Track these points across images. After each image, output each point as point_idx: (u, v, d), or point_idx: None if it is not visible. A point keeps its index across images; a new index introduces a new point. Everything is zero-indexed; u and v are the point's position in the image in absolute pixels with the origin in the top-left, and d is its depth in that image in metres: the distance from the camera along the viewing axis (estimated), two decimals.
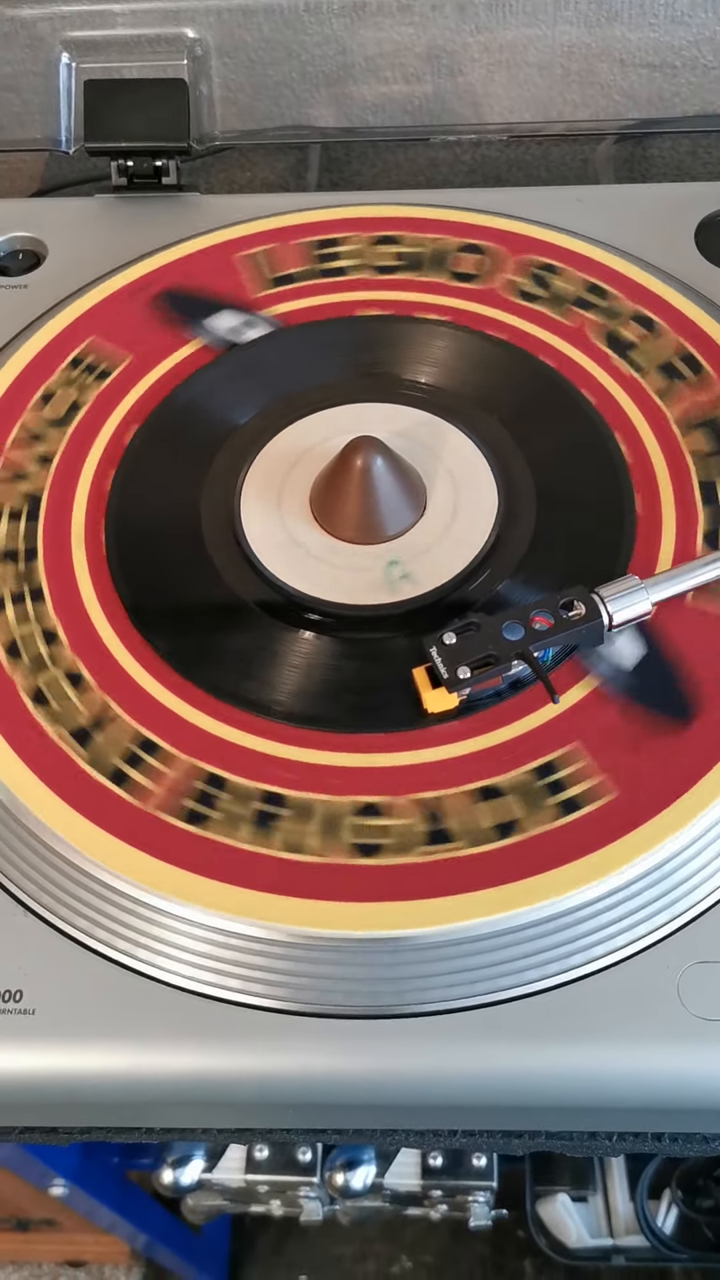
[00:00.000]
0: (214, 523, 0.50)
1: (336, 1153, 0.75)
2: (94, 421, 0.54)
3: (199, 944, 0.41)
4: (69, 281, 0.59)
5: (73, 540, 0.50)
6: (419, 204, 0.61)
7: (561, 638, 0.43)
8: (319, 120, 0.71)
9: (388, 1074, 0.40)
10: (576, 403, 0.53)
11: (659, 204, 0.61)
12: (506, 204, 0.61)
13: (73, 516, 0.51)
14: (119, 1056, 0.40)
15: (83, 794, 0.43)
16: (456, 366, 0.55)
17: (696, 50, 0.69)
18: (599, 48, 0.69)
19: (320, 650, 0.47)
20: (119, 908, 0.42)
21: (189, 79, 0.65)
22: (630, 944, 0.41)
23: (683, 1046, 0.39)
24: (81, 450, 0.53)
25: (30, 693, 0.46)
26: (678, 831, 0.41)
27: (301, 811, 0.43)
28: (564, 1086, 0.40)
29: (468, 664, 0.43)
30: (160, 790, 0.43)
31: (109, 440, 0.53)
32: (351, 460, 0.48)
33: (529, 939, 0.40)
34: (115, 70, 0.65)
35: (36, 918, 0.42)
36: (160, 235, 0.61)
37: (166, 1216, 0.98)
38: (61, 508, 0.51)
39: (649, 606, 0.44)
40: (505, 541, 0.49)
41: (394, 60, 0.69)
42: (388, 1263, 1.15)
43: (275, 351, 0.56)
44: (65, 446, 0.53)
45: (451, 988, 0.40)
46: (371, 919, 0.40)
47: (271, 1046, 0.40)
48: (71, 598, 0.48)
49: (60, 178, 0.75)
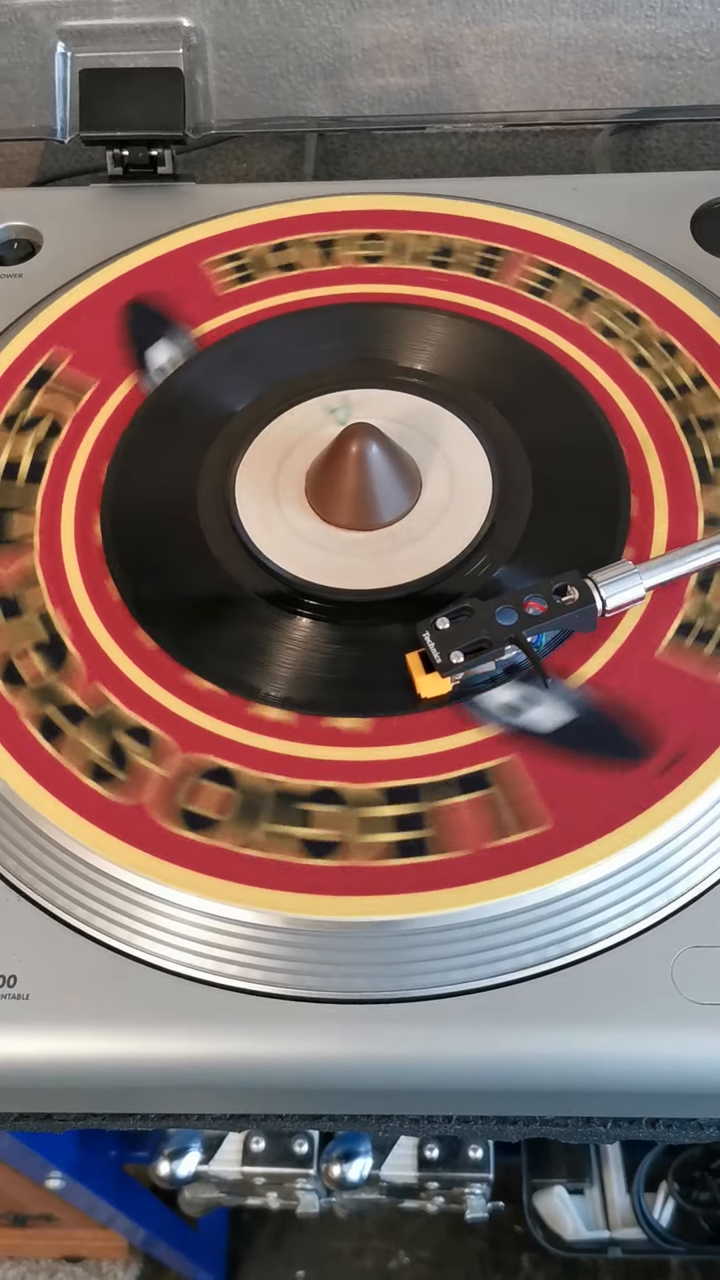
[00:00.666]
0: (209, 510, 0.50)
1: (333, 1144, 0.75)
2: (89, 411, 0.54)
3: (194, 929, 0.41)
4: (64, 271, 0.59)
5: (62, 529, 0.50)
6: (414, 193, 0.61)
7: (555, 622, 0.43)
8: (315, 113, 0.71)
9: (382, 1059, 0.40)
10: (572, 389, 0.53)
11: (655, 193, 0.61)
12: (501, 193, 0.61)
13: (62, 505, 0.51)
14: (113, 1041, 0.40)
15: (78, 783, 0.43)
16: (452, 353, 0.55)
17: (693, 42, 0.69)
18: (595, 40, 0.69)
19: (316, 636, 0.47)
20: (114, 893, 0.42)
21: (184, 68, 0.65)
22: (625, 928, 0.41)
23: (677, 1031, 0.39)
24: (75, 439, 0.53)
25: (25, 685, 0.46)
26: (672, 817, 0.41)
27: (294, 799, 0.43)
28: (558, 1071, 0.40)
29: (461, 649, 0.43)
30: (155, 780, 0.43)
31: (103, 428, 0.53)
32: (347, 446, 0.48)
33: (523, 924, 0.40)
34: (111, 59, 0.65)
35: (31, 903, 0.42)
36: (155, 225, 0.61)
37: (164, 1211, 0.98)
38: (54, 496, 0.51)
39: (643, 591, 0.44)
40: (501, 527, 0.49)
41: (391, 52, 0.69)
42: (386, 1258, 1.15)
43: (269, 338, 0.56)
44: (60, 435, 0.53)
45: (446, 972, 0.40)
46: (366, 904, 0.40)
47: (266, 1031, 0.40)
48: (61, 588, 0.48)
49: (57, 169, 0.75)
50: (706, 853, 0.41)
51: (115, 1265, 1.13)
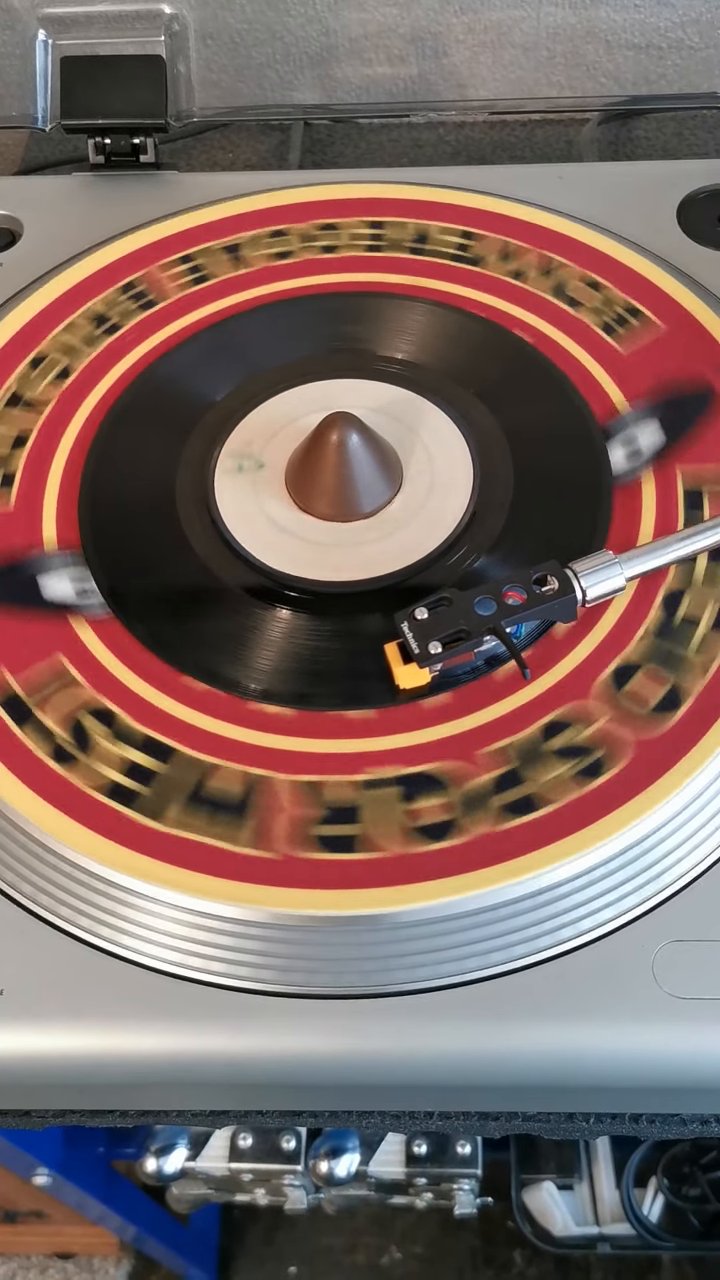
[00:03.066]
0: (188, 502, 0.50)
1: (320, 1140, 0.74)
2: (74, 397, 0.53)
3: (170, 924, 0.41)
4: (44, 260, 0.59)
5: (44, 521, 0.50)
6: (400, 182, 0.61)
7: (534, 613, 0.43)
8: (301, 102, 0.70)
9: (361, 1054, 0.40)
10: (554, 378, 0.52)
11: (641, 181, 0.61)
12: (488, 181, 0.61)
13: (44, 498, 0.51)
14: (89, 1037, 0.40)
15: (52, 777, 0.43)
16: (432, 342, 0.54)
17: (682, 32, 0.69)
18: (584, 29, 0.69)
19: (297, 628, 0.46)
20: (89, 888, 0.41)
21: (166, 55, 0.64)
22: (605, 923, 0.40)
23: (658, 1025, 0.39)
24: (57, 430, 0.53)
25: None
26: (652, 809, 0.41)
27: (277, 794, 0.42)
28: (539, 1066, 0.39)
29: (439, 639, 0.42)
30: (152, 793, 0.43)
31: (86, 418, 0.53)
32: (326, 436, 0.48)
33: (503, 918, 0.40)
34: (92, 47, 0.65)
35: (6, 898, 0.42)
36: (138, 214, 0.60)
37: (154, 1208, 0.98)
38: (35, 486, 0.51)
39: (623, 582, 0.44)
40: (482, 516, 0.48)
41: (378, 42, 0.69)
42: (377, 1254, 1.15)
43: (248, 329, 0.55)
44: (42, 423, 0.53)
45: (425, 967, 0.40)
46: (345, 899, 0.40)
47: (244, 1027, 0.39)
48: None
49: (41, 159, 0.75)
50: (686, 847, 0.41)
51: (107, 1262, 1.12)
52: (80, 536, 0.49)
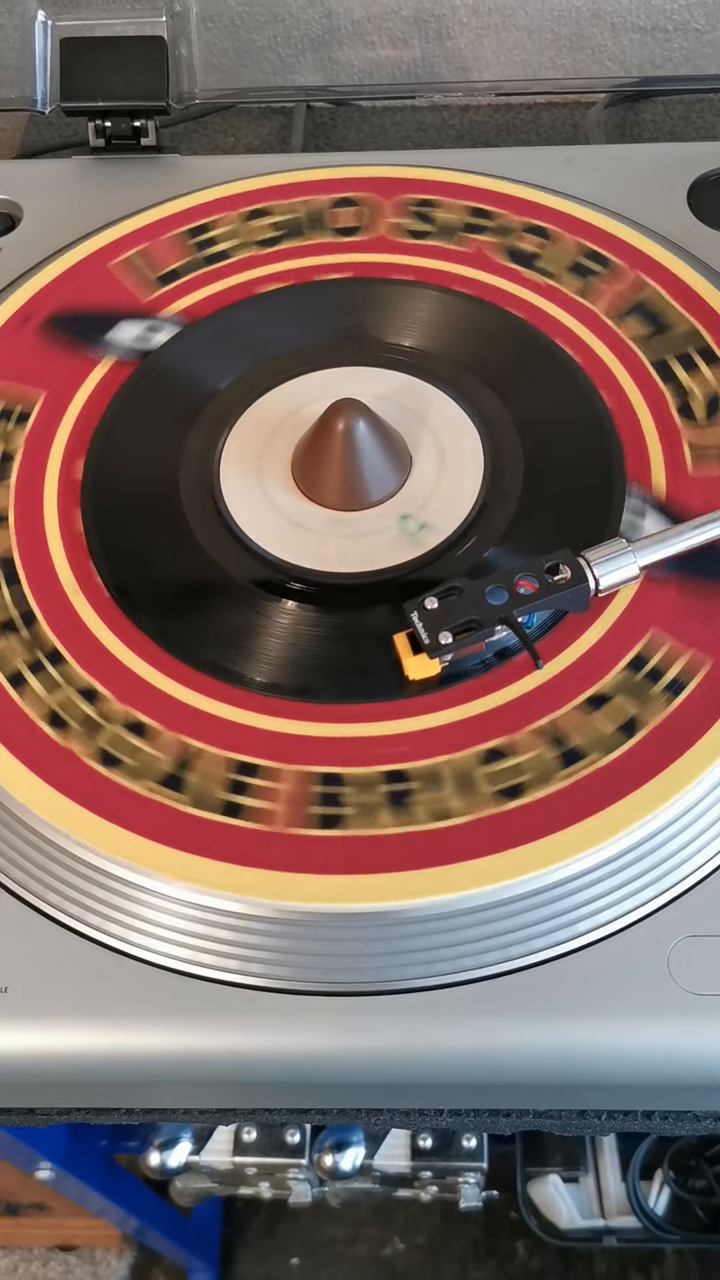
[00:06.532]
0: (193, 493, 0.49)
1: (325, 1134, 0.74)
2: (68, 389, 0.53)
3: (176, 920, 0.40)
4: (44, 244, 0.58)
5: (45, 516, 0.49)
6: (403, 164, 0.60)
7: (546, 602, 0.42)
8: (304, 85, 0.70)
9: (370, 1052, 0.39)
10: (564, 364, 0.52)
11: (651, 164, 0.60)
12: (494, 164, 0.60)
13: (44, 491, 0.50)
14: (94, 1035, 0.39)
15: (57, 767, 0.42)
16: (440, 329, 0.54)
17: (688, 14, 0.68)
18: (589, 11, 0.68)
19: (305, 619, 0.45)
20: (94, 883, 0.41)
21: (168, 37, 0.63)
22: (620, 918, 0.40)
23: (673, 1022, 0.38)
24: (55, 418, 0.52)
25: (8, 673, 0.45)
26: (666, 803, 0.40)
27: (281, 784, 0.42)
28: (552, 1063, 0.39)
29: (449, 629, 0.42)
30: (136, 764, 0.42)
31: (83, 407, 0.52)
32: (333, 424, 0.47)
33: (515, 913, 0.39)
34: (92, 28, 0.64)
35: (8, 893, 0.41)
36: (138, 197, 0.59)
37: (157, 1200, 0.97)
38: (33, 478, 0.50)
39: (637, 570, 0.43)
40: (492, 505, 0.47)
41: (381, 24, 0.68)
42: (380, 1245, 1.15)
43: (251, 316, 0.54)
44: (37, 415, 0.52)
45: (435, 964, 0.39)
46: (354, 893, 0.39)
47: (252, 1025, 0.39)
48: (48, 576, 0.47)
49: (41, 144, 0.74)
50: (701, 841, 0.40)
51: (109, 1254, 1.12)
52: (83, 527, 0.48)
